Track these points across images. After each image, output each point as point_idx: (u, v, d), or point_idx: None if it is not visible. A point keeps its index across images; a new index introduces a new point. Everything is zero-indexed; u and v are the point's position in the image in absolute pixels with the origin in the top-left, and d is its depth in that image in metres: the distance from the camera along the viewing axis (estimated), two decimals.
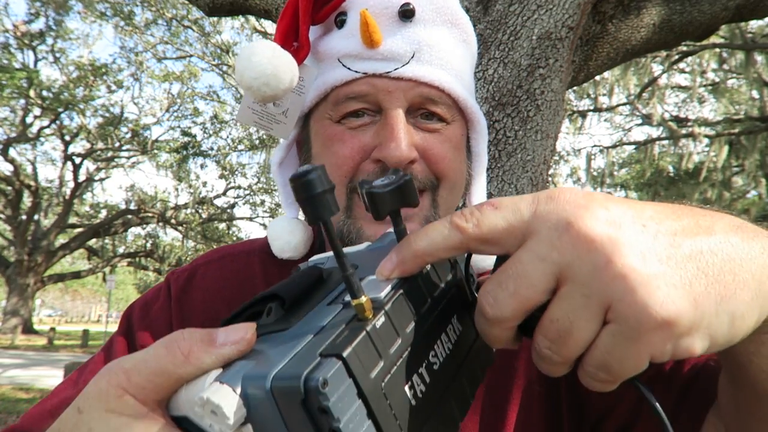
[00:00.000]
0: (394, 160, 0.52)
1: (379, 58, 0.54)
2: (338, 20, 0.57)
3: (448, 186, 0.57)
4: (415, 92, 0.55)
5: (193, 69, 17.97)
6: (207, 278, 0.64)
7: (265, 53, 0.53)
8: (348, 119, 0.56)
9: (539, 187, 1.86)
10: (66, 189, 20.86)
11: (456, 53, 0.58)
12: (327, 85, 0.57)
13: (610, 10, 2.31)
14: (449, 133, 0.57)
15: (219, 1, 2.51)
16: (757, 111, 14.47)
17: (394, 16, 0.55)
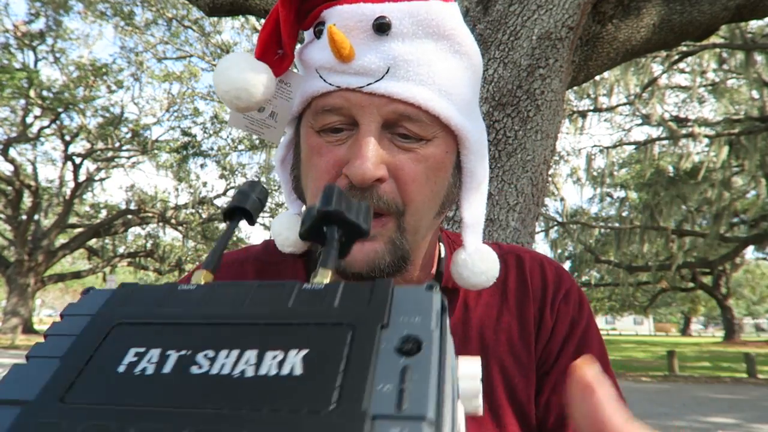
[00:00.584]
0: (357, 178, 0.52)
1: (351, 72, 0.52)
2: (316, 30, 0.56)
3: (414, 212, 0.56)
4: (388, 108, 0.53)
5: (193, 69, 17.97)
6: None
7: (239, 65, 0.53)
8: (326, 133, 0.56)
9: (539, 187, 1.86)
10: (66, 189, 20.86)
11: (442, 67, 0.55)
12: (307, 94, 0.57)
13: (610, 10, 2.31)
14: (426, 153, 0.55)
15: (219, 1, 2.52)
16: (757, 111, 14.47)
17: (369, 29, 0.52)
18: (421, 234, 0.58)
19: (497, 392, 0.61)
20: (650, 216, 16.04)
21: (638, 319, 58.60)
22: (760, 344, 24.95)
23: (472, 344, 0.63)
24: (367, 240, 0.54)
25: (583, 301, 0.68)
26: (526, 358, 0.63)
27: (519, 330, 0.64)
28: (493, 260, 0.61)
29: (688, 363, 15.71)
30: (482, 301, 0.66)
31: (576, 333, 0.65)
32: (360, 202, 0.28)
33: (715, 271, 23.14)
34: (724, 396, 9.42)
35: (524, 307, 0.65)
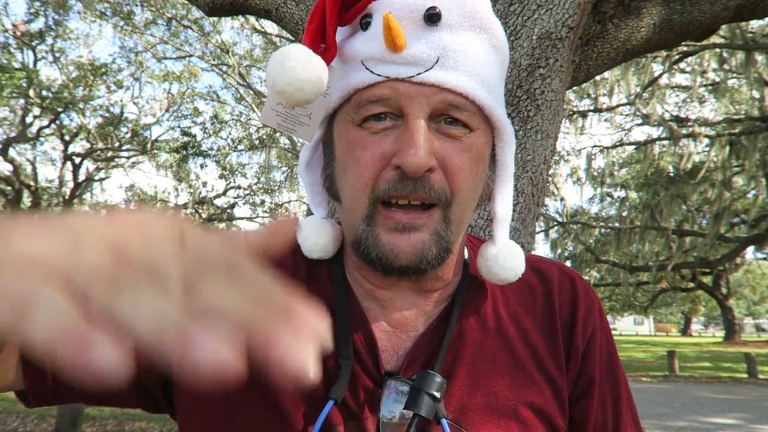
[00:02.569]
0: (412, 167, 0.52)
1: (402, 62, 0.53)
2: (363, 22, 0.56)
3: (461, 202, 0.56)
4: (437, 98, 0.54)
5: (193, 69, 17.97)
6: None
7: (299, 58, 0.53)
8: (369, 122, 0.56)
9: (539, 187, 1.86)
10: (66, 189, 20.86)
11: (483, 59, 0.56)
12: (350, 87, 0.57)
13: (610, 10, 2.31)
14: (471, 142, 0.56)
15: (219, 1, 2.51)
16: (757, 111, 14.47)
17: (419, 20, 0.53)
18: (463, 226, 0.59)
19: (529, 407, 0.60)
20: (650, 216, 16.04)
21: (638, 319, 58.58)
22: (761, 344, 24.95)
23: (501, 353, 0.62)
24: (413, 230, 0.54)
25: (608, 324, 0.69)
26: (557, 374, 0.63)
27: (547, 342, 0.64)
28: (521, 256, 0.62)
29: (689, 363, 15.71)
30: (511, 309, 0.65)
31: (604, 353, 0.66)
32: None
33: (716, 271, 23.14)
34: (724, 396, 9.41)
35: (552, 321, 0.65)
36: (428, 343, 0.61)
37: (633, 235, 16.58)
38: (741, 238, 16.87)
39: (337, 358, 0.58)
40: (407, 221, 0.54)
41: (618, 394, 0.66)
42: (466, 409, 0.58)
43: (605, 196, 21.16)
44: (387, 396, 0.57)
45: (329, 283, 0.64)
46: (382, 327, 0.62)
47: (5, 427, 5.74)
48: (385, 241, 0.54)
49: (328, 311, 0.61)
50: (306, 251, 0.64)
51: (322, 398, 0.57)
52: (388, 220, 0.54)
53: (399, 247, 0.54)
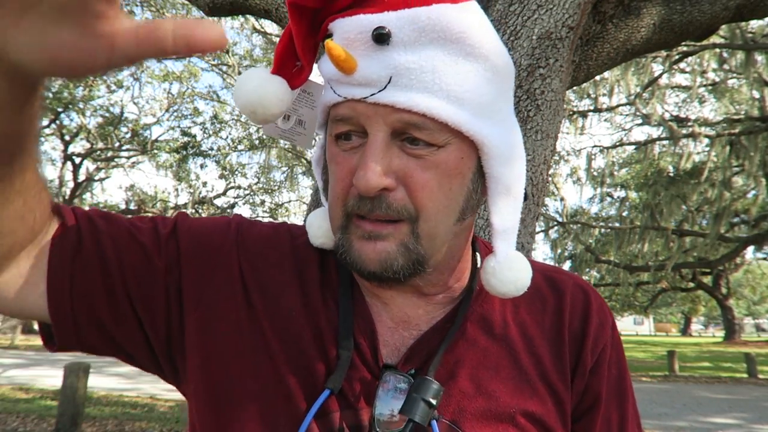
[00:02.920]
0: (362, 189, 0.53)
1: (355, 83, 0.54)
2: (325, 43, 0.57)
3: (428, 218, 0.55)
4: (393, 118, 0.53)
5: (193, 69, 17.97)
6: (263, 231, 0.68)
7: (252, 82, 0.55)
8: (341, 140, 0.58)
9: (539, 187, 1.86)
10: (66, 189, 20.86)
11: (450, 71, 0.53)
12: (323, 104, 0.60)
13: (610, 10, 2.31)
14: (437, 159, 0.55)
15: (219, 1, 2.51)
16: (757, 111, 14.47)
17: (369, 40, 0.53)
18: (440, 240, 0.58)
19: (529, 417, 0.60)
20: (650, 216, 16.04)
21: (638, 319, 58.57)
22: (761, 344, 24.95)
23: (505, 361, 0.62)
24: (378, 239, 0.55)
25: (618, 336, 0.69)
26: (563, 389, 0.63)
27: (553, 354, 0.64)
28: (524, 269, 0.60)
29: (689, 363, 15.71)
30: (520, 318, 0.65)
31: (614, 370, 0.66)
32: None
33: (716, 271, 23.14)
34: (724, 396, 9.42)
35: (559, 333, 0.65)
36: (429, 341, 0.62)
37: (633, 235, 16.58)
38: (741, 238, 16.87)
39: (338, 349, 0.60)
40: (371, 230, 0.55)
41: (624, 413, 0.66)
42: (465, 412, 0.59)
43: (605, 196, 21.17)
44: (384, 390, 0.58)
45: (335, 274, 0.66)
46: (384, 323, 0.63)
47: (5, 427, 5.74)
48: (356, 247, 0.56)
49: (334, 300, 0.63)
50: (311, 238, 0.66)
51: (321, 387, 0.58)
52: (357, 229, 0.56)
53: (366, 254, 0.55)
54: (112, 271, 0.60)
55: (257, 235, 0.67)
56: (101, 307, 0.59)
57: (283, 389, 0.58)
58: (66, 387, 5.60)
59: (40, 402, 7.07)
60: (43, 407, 6.69)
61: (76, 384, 5.60)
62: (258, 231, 0.68)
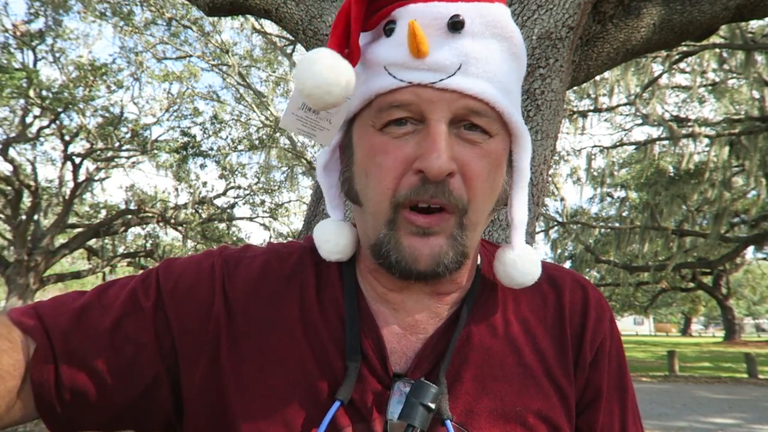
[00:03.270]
0: (434, 171, 0.52)
1: (425, 68, 0.54)
2: (387, 28, 0.57)
3: (476, 208, 0.56)
4: (459, 104, 0.55)
5: (193, 69, 17.96)
6: (251, 270, 0.65)
7: (326, 62, 0.54)
8: (390, 127, 0.56)
9: (539, 187, 1.86)
10: (66, 189, 20.84)
11: (504, 67, 0.57)
12: (372, 92, 0.57)
13: (610, 10, 2.31)
14: (490, 148, 0.57)
15: (219, 1, 2.51)
16: (757, 111, 14.47)
17: (443, 27, 0.54)
18: (478, 231, 0.60)
19: (536, 414, 0.60)
20: (650, 216, 16.04)
21: (638, 319, 58.53)
22: (761, 344, 24.94)
23: (510, 359, 0.62)
24: (432, 235, 0.55)
25: (617, 329, 0.69)
26: (565, 382, 0.63)
27: (556, 350, 0.64)
28: (538, 261, 0.64)
29: (689, 363, 15.71)
30: (522, 316, 0.65)
31: (614, 363, 0.66)
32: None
33: (716, 271, 23.13)
34: (724, 396, 9.41)
35: (561, 329, 0.65)
36: (436, 345, 0.61)
37: (633, 235, 16.58)
38: (741, 238, 16.87)
39: (345, 360, 0.59)
40: (426, 225, 0.55)
41: (625, 405, 0.66)
42: (472, 413, 0.59)
43: (605, 196, 21.16)
44: (395, 398, 0.58)
45: (339, 286, 0.64)
46: (392, 329, 0.62)
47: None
48: (406, 245, 0.55)
49: (337, 314, 0.62)
50: (325, 253, 0.64)
51: (330, 400, 0.57)
52: (410, 225, 0.55)
53: (418, 250, 0.55)
54: (104, 387, 0.58)
55: (244, 275, 0.64)
56: (100, 414, 0.59)
57: (290, 403, 0.57)
58: None
59: None
60: None
61: None
62: (245, 269, 0.65)
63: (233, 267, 0.65)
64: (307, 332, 0.61)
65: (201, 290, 0.63)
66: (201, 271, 0.64)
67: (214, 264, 0.65)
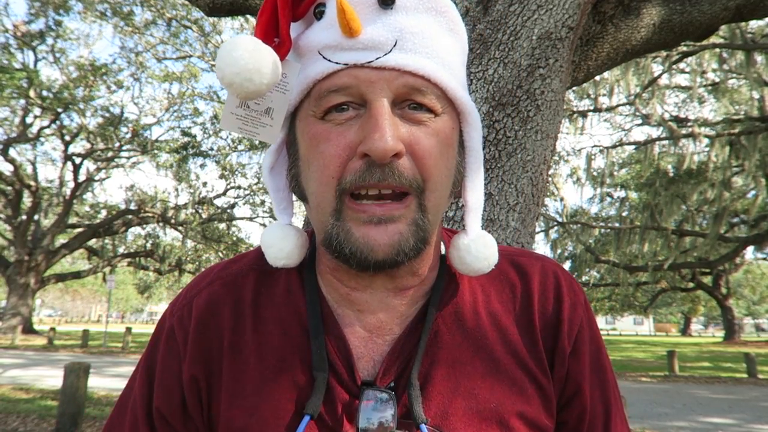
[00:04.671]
0: (379, 152, 0.49)
1: (359, 47, 0.52)
2: (317, 12, 0.55)
3: (434, 188, 0.54)
4: (399, 82, 0.52)
5: (193, 69, 17.97)
6: (199, 310, 0.64)
7: (246, 47, 0.51)
8: (332, 114, 0.53)
9: (539, 187, 1.86)
10: (66, 189, 20.85)
11: (443, 42, 0.55)
12: (309, 79, 0.55)
13: (610, 10, 2.31)
14: (437, 126, 0.54)
15: (219, 1, 2.51)
16: (757, 111, 14.47)
17: (374, 3, 0.52)
18: (439, 214, 0.57)
19: (511, 408, 0.59)
20: (650, 216, 16.04)
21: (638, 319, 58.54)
22: (761, 344, 24.95)
23: (481, 355, 0.61)
24: (390, 222, 0.52)
25: (591, 314, 0.67)
26: (542, 375, 0.61)
27: (527, 341, 0.62)
28: (494, 245, 0.61)
29: (688, 363, 15.71)
30: (492, 308, 0.63)
31: (593, 347, 0.65)
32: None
33: (715, 271, 23.14)
34: (724, 396, 9.41)
35: (530, 319, 0.63)
36: (404, 347, 0.59)
37: (633, 235, 16.58)
38: (741, 238, 16.87)
39: (312, 371, 0.57)
40: (382, 213, 0.52)
41: (606, 385, 0.65)
42: (447, 414, 0.57)
43: (605, 196, 21.17)
44: (365, 405, 0.56)
45: (301, 293, 0.62)
46: (357, 333, 0.60)
47: (5, 427, 5.74)
48: (359, 234, 0.52)
49: (299, 323, 0.61)
50: (271, 259, 0.61)
51: (298, 415, 0.56)
52: (359, 213, 0.52)
53: (375, 240, 0.52)
54: None
55: (193, 329, 0.63)
56: None
57: (259, 418, 0.57)
58: (66, 387, 5.60)
59: (40, 402, 7.07)
60: (43, 407, 6.68)
61: (76, 384, 5.60)
62: (195, 314, 0.64)
63: (186, 319, 0.64)
64: (266, 351, 0.60)
65: (171, 370, 0.62)
66: (163, 354, 0.64)
67: (161, 339, 0.65)
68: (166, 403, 0.61)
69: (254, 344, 0.60)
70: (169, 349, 0.63)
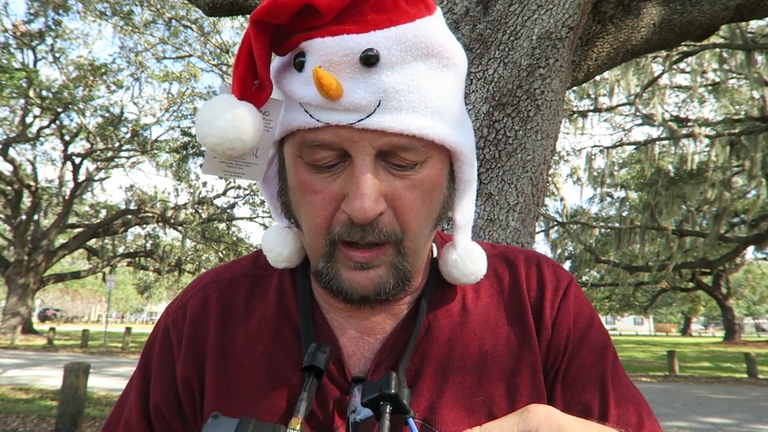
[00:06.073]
0: (359, 218, 0.51)
1: (341, 109, 0.50)
2: (296, 62, 0.53)
3: (413, 237, 0.56)
4: (382, 141, 0.51)
5: (193, 69, 17.97)
6: (194, 312, 0.66)
7: (225, 116, 0.51)
8: (319, 170, 0.54)
9: (539, 187, 1.86)
10: (66, 189, 20.85)
11: (432, 87, 0.53)
12: (292, 126, 0.54)
13: (610, 10, 2.31)
14: (422, 177, 0.54)
15: (219, 1, 2.51)
16: (757, 111, 14.48)
17: (356, 63, 0.50)
18: (420, 253, 0.59)
19: (500, 399, 0.60)
20: (650, 216, 16.04)
21: (638, 319, 58.55)
22: (761, 344, 24.95)
23: (470, 349, 0.62)
24: (370, 268, 0.55)
25: (583, 296, 0.68)
26: (531, 358, 0.62)
27: (518, 331, 0.63)
28: (482, 259, 0.63)
29: (689, 363, 15.71)
30: (481, 303, 0.65)
31: (580, 326, 0.65)
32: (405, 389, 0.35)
33: (715, 271, 23.14)
34: (724, 396, 9.41)
35: (521, 307, 0.64)
36: (395, 344, 0.61)
37: (633, 235, 16.58)
38: (741, 238, 16.87)
39: (302, 371, 0.58)
40: (363, 259, 0.54)
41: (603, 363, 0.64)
42: (436, 408, 0.58)
43: (605, 196, 21.17)
44: (355, 401, 0.58)
45: (293, 295, 0.64)
46: (348, 333, 0.62)
47: (5, 427, 5.74)
48: (345, 277, 0.55)
49: (290, 324, 0.62)
50: (271, 262, 0.64)
51: (290, 412, 0.57)
52: (348, 260, 0.55)
53: (358, 283, 0.55)
54: None
55: (187, 331, 0.65)
56: None
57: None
58: (66, 387, 5.60)
59: (40, 402, 7.07)
60: (43, 407, 6.68)
61: (76, 384, 5.60)
62: (187, 325, 0.65)
63: (181, 321, 0.66)
64: (257, 351, 0.61)
65: (167, 370, 0.65)
66: (159, 352, 0.66)
67: (159, 341, 0.67)
68: (164, 401, 0.64)
69: (246, 345, 0.62)
70: (164, 349, 0.66)
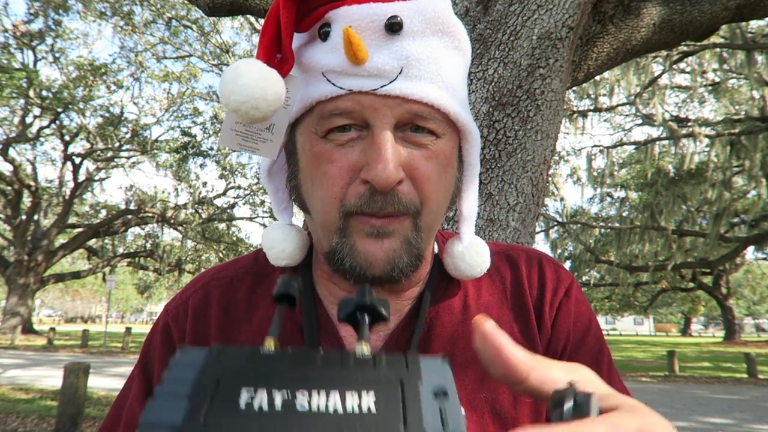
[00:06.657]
0: (381, 183, 0.51)
1: (364, 74, 0.52)
2: (322, 32, 0.55)
3: (430, 210, 0.56)
4: (403, 109, 0.53)
5: (193, 69, 17.97)
6: (196, 309, 0.66)
7: (252, 74, 0.51)
8: (334, 134, 0.54)
9: (539, 187, 1.86)
10: (66, 189, 20.85)
11: (447, 63, 0.55)
12: (312, 99, 0.55)
13: (610, 10, 2.31)
14: (437, 149, 0.55)
15: (219, 1, 2.51)
16: (757, 111, 14.48)
17: (381, 29, 0.52)
18: (433, 231, 0.59)
19: (504, 396, 0.60)
20: (650, 216, 16.04)
21: (638, 319, 58.59)
22: (761, 344, 24.95)
23: (472, 346, 0.61)
24: (385, 237, 0.54)
25: (583, 298, 0.68)
26: None
27: (521, 328, 0.63)
28: (486, 251, 0.63)
29: (689, 363, 15.71)
30: (482, 301, 0.65)
31: (579, 328, 0.65)
32: (383, 299, 0.34)
33: (716, 271, 23.15)
34: (724, 396, 9.41)
35: (523, 305, 0.65)
36: (398, 341, 0.61)
37: (633, 235, 16.58)
38: (741, 238, 16.87)
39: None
40: (381, 225, 0.53)
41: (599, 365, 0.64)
42: None
43: (605, 196, 21.18)
44: None
45: None
46: (351, 330, 0.61)
47: (5, 427, 5.74)
48: (361, 249, 0.54)
49: (293, 323, 0.62)
50: (272, 259, 0.63)
51: None
52: (364, 226, 0.54)
53: (373, 255, 0.53)
54: None
55: (189, 327, 0.65)
56: None
57: None
58: (66, 387, 5.60)
59: (40, 402, 7.07)
60: (43, 407, 6.68)
61: (76, 384, 5.60)
62: (190, 322, 0.65)
63: (182, 317, 0.66)
64: None
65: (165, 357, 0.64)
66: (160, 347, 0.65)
67: (169, 328, 0.66)
68: None
69: (248, 343, 0.61)
70: (165, 346, 0.64)
